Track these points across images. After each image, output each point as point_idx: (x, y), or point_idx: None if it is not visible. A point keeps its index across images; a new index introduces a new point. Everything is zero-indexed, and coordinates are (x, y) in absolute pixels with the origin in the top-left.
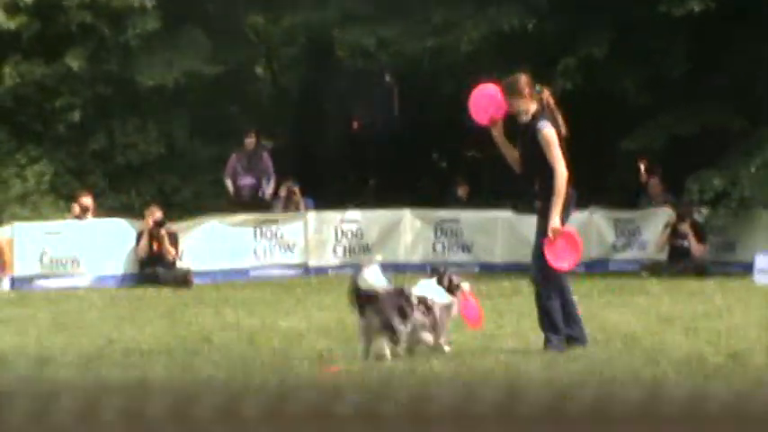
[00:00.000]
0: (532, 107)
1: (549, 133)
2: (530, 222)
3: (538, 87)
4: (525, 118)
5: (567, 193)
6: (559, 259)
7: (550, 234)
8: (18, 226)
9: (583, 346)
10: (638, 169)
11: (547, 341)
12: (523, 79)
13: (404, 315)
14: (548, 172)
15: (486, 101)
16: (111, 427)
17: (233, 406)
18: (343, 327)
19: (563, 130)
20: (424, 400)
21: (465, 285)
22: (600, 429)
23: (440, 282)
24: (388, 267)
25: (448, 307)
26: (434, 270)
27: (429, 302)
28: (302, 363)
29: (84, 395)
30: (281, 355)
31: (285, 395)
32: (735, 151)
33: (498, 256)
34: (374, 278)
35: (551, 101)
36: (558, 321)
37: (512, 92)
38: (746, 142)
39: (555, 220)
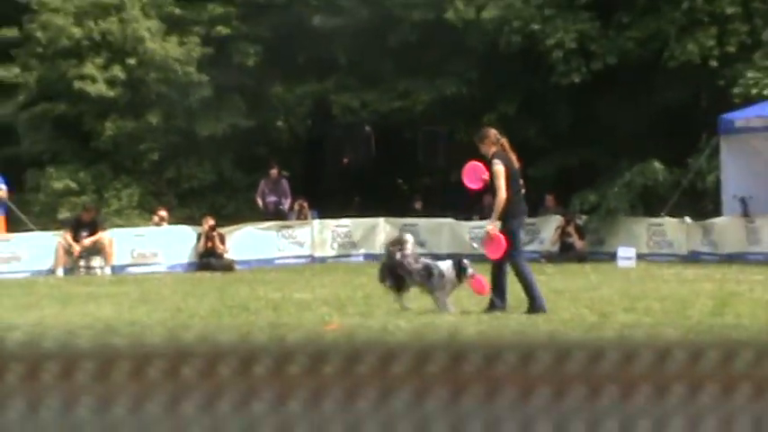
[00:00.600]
0: (492, 150)
1: (496, 168)
2: (465, 226)
3: (499, 136)
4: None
5: (521, 207)
6: (491, 253)
7: (485, 234)
8: (116, 231)
9: (503, 311)
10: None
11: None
12: (491, 131)
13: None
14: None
15: (472, 172)
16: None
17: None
18: (338, 298)
19: (515, 165)
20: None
21: (470, 270)
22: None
23: (454, 265)
24: (369, 257)
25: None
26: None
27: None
28: (310, 322)
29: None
30: (295, 317)
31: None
32: (603, 177)
33: (444, 248)
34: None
35: (506, 145)
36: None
37: (480, 140)
38: (611, 171)
39: (490, 227)
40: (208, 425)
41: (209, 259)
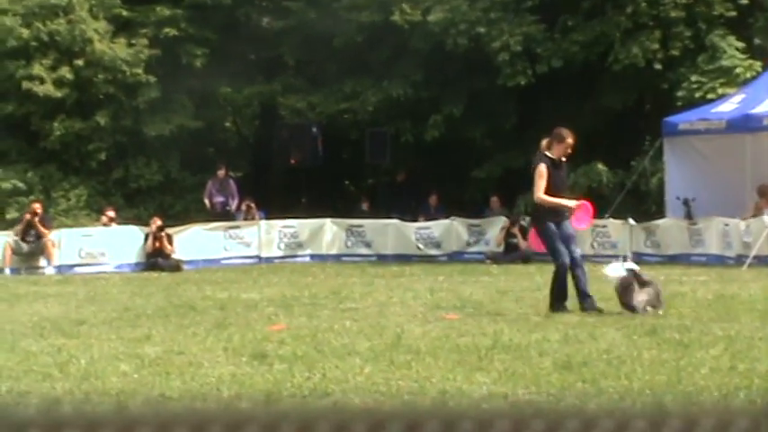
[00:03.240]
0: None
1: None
2: (411, 227)
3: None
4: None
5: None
6: (581, 222)
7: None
8: (64, 231)
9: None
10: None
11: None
12: (565, 131)
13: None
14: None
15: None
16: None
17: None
18: (284, 298)
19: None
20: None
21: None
22: None
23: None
24: (316, 258)
25: None
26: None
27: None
28: (257, 322)
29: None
30: (242, 317)
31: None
32: None
33: (390, 249)
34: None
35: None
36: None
37: (559, 140)
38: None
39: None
40: None
41: (156, 259)
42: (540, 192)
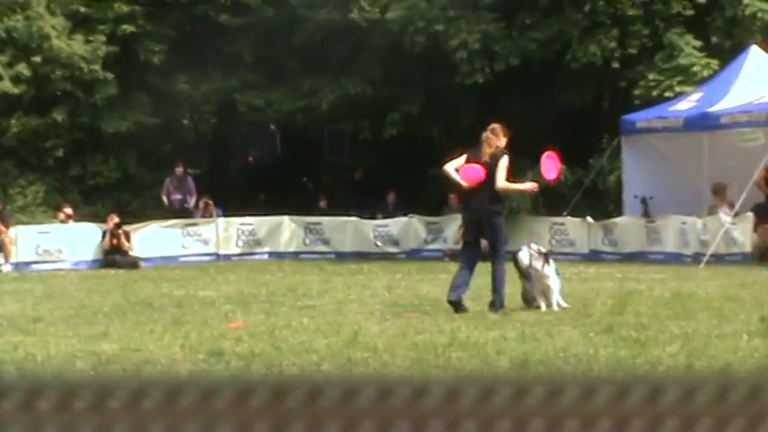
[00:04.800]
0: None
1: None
2: (369, 225)
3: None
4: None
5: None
6: (549, 173)
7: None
8: (21, 228)
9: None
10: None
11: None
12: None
13: None
14: None
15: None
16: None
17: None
18: (241, 296)
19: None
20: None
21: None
22: None
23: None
24: (274, 255)
25: None
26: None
27: None
28: (214, 319)
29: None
30: (199, 314)
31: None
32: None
33: (348, 247)
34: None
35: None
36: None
37: (494, 133)
38: (513, 170)
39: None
40: None
41: (114, 256)
42: (503, 180)
